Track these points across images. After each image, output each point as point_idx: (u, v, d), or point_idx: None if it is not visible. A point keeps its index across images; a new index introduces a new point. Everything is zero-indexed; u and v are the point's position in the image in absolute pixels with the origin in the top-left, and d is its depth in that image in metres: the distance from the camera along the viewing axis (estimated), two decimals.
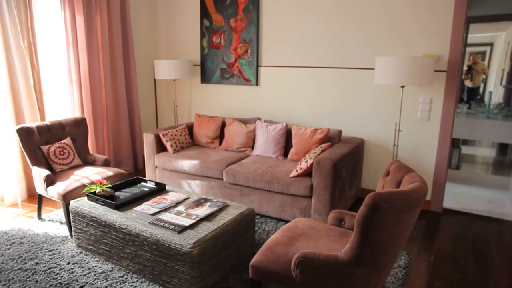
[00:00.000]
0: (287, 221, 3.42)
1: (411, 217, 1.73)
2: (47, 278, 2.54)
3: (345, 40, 3.87)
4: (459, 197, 4.15)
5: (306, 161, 3.25)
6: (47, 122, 3.57)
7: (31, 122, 3.84)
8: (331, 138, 3.70)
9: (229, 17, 4.51)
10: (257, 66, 4.45)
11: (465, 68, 5.88)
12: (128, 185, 3.21)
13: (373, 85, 3.82)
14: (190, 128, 4.50)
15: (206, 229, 2.42)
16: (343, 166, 3.24)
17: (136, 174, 4.84)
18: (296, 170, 3.29)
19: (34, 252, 2.87)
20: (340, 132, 3.74)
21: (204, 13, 4.69)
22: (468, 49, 5.82)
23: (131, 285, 2.45)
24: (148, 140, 4.14)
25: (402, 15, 3.56)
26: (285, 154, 3.93)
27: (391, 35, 3.64)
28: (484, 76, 6.02)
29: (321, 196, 3.13)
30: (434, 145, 3.64)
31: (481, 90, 6.07)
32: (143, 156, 5.08)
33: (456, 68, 3.42)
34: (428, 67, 3.09)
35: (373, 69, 3.78)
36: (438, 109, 3.57)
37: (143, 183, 3.27)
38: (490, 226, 3.42)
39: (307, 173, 3.25)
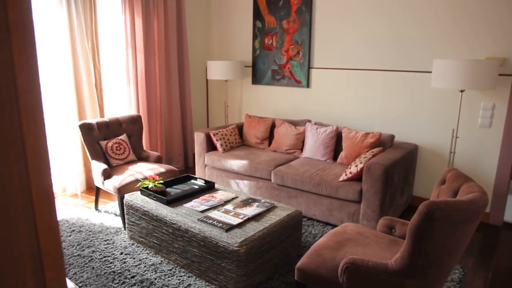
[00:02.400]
0: (334, 225, 3.37)
1: (468, 229, 1.64)
2: (102, 266, 2.68)
3: (400, 42, 3.75)
4: None
5: (356, 165, 3.18)
6: (106, 118, 3.77)
7: (92, 118, 4.07)
8: (383, 143, 3.59)
9: (281, 19, 4.52)
10: (309, 68, 4.42)
11: None
12: (179, 182, 3.31)
13: (429, 89, 3.67)
14: (240, 128, 4.57)
15: (254, 229, 2.44)
16: (394, 172, 3.13)
17: (186, 171, 4.98)
18: (346, 174, 3.23)
19: (91, 240, 3.05)
20: (392, 136, 3.62)
21: (257, 14, 4.73)
22: None
23: (179, 279, 2.52)
24: (199, 138, 4.25)
25: (462, 15, 3.38)
26: (335, 158, 3.87)
27: (450, 37, 3.47)
28: None
29: (371, 201, 3.05)
30: (496, 154, 3.42)
31: None
32: (194, 154, 5.22)
33: None
34: (492, 70, 2.92)
35: (430, 72, 3.63)
36: (501, 115, 3.35)
37: (193, 181, 3.36)
38: None
39: (357, 177, 3.19)
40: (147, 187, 3.03)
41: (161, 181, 3.08)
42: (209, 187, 3.17)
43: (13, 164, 0.54)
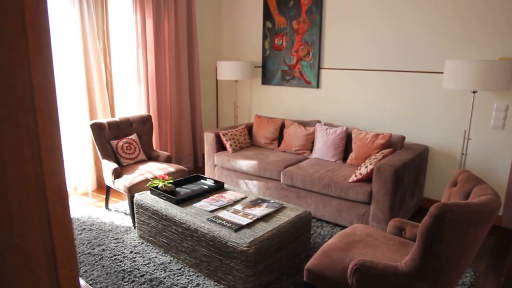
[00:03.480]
0: (343, 227, 3.35)
1: (480, 232, 1.62)
2: (112, 264, 2.70)
3: (411, 43, 3.72)
4: None
5: (366, 167, 3.16)
6: (116, 118, 3.80)
7: (103, 118, 4.11)
8: (393, 144, 3.57)
9: (291, 19, 4.52)
10: (319, 68, 4.40)
11: None
12: (188, 181, 3.33)
13: (440, 90, 3.63)
14: (249, 128, 4.57)
15: (262, 229, 2.44)
16: (405, 173, 3.11)
17: (196, 171, 5.00)
18: (355, 175, 3.21)
19: (101, 239, 3.07)
20: (403, 138, 3.59)
21: (267, 15, 4.73)
22: None
23: (188, 279, 2.53)
24: (208, 139, 4.26)
25: (475, 14, 3.34)
26: (344, 159, 3.85)
27: (462, 36, 3.43)
28: None
29: (381, 203, 3.03)
30: (508, 156, 3.37)
31: None
32: (203, 154, 5.23)
33: None
34: (505, 71, 2.88)
35: (442, 73, 3.59)
36: None
37: (202, 181, 3.37)
38: None
39: (367, 178, 3.17)
40: (157, 186, 3.05)
41: (171, 181, 3.10)
42: (218, 187, 3.18)
43: (28, 163, 0.55)
